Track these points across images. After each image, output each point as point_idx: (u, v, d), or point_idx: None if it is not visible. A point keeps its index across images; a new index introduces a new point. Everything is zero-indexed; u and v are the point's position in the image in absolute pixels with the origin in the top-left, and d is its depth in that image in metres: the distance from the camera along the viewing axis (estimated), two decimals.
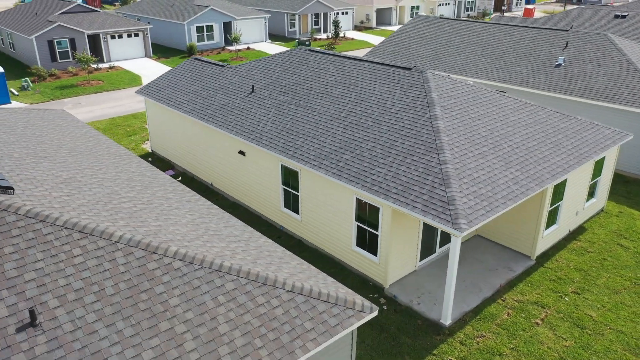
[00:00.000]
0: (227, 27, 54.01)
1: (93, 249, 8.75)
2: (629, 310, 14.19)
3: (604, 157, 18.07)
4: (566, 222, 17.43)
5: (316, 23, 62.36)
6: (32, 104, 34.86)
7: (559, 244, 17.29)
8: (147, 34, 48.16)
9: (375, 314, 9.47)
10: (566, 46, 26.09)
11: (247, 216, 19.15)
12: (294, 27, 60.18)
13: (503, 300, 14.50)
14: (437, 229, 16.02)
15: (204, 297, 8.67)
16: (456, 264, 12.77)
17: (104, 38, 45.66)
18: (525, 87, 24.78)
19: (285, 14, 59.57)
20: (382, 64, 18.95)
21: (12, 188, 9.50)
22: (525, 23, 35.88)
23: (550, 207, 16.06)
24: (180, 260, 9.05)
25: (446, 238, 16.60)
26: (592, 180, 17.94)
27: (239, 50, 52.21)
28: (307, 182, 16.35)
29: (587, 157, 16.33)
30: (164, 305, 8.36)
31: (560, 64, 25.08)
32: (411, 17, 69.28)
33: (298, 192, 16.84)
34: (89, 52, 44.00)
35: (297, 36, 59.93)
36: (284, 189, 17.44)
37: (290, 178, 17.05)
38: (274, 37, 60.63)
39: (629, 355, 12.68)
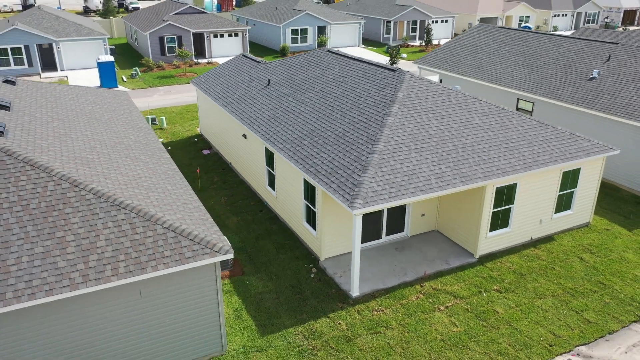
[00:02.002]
0: (321, 30, 57.49)
1: (34, 178, 12.13)
2: (542, 315, 14.41)
3: (579, 168, 17.82)
4: (525, 229, 17.59)
5: (413, 30, 63.36)
6: (133, 89, 41.27)
7: (514, 248, 17.55)
8: (245, 34, 53.40)
9: (228, 256, 11.64)
10: (608, 59, 25.00)
11: (247, 192, 21.95)
12: (389, 33, 61.83)
13: (421, 286, 15.54)
14: (383, 216, 17.39)
15: (97, 221, 11.60)
16: (358, 241, 14.29)
17: (207, 37, 51.68)
18: (551, 98, 24.35)
19: (382, 20, 61.50)
20: (376, 65, 20.54)
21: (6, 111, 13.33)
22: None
23: (495, 209, 16.55)
24: (93, 194, 12.08)
25: (397, 227, 17.84)
26: (561, 191, 17.81)
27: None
28: (278, 164, 18.68)
29: (543, 164, 16.49)
30: (66, 222, 11.43)
31: (594, 77, 24.21)
32: (519, 27, 66.96)
33: (274, 172, 19.23)
34: (192, 48, 50.23)
35: (391, 42, 61.50)
36: (267, 169, 19.93)
37: (270, 160, 19.51)
38: (369, 42, 62.87)
39: (509, 349, 13.19)
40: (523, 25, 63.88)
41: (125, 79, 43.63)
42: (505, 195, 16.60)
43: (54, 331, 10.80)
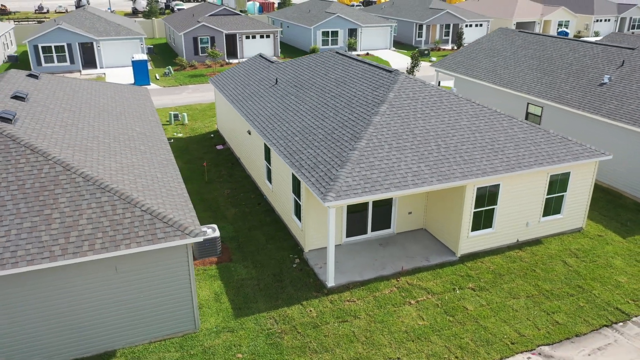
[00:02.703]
0: (352, 33, 58.12)
1: (32, 161, 13.41)
2: (511, 314, 14.60)
3: (568, 172, 17.77)
4: (510, 230, 17.70)
5: (446, 34, 63.03)
6: (164, 86, 43.17)
7: (498, 249, 17.69)
8: (276, 35, 54.68)
9: (198, 239, 12.52)
10: (622, 65, 24.54)
11: (250, 186, 22.89)
12: (421, 36, 61.75)
13: (397, 281, 15.99)
14: (368, 212, 17.91)
15: (82, 201, 12.73)
16: (333, 233, 14.92)
17: (239, 38, 53.27)
18: (558, 103, 24.14)
19: (414, 24, 61.51)
20: (376, 66, 21.07)
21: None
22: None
23: (477, 209, 16.78)
24: (82, 177, 13.25)
25: (383, 223, 18.32)
26: (549, 194, 17.81)
27: (358, 55, 55.92)
28: (273, 158, 19.50)
29: (527, 167, 16.61)
30: (54, 201, 12.62)
31: (604, 83, 23.85)
32: (557, 32, 65.44)
33: (271, 166, 20.08)
34: (224, 49, 51.92)
35: (423, 45, 61.41)
36: (266, 164, 20.79)
37: (268, 155, 20.36)
38: (402, 45, 62.99)
39: (470, 344, 13.49)
40: (560, 31, 62.33)
41: (158, 77, 45.64)
42: (488, 195, 16.81)
43: (40, 298, 11.96)
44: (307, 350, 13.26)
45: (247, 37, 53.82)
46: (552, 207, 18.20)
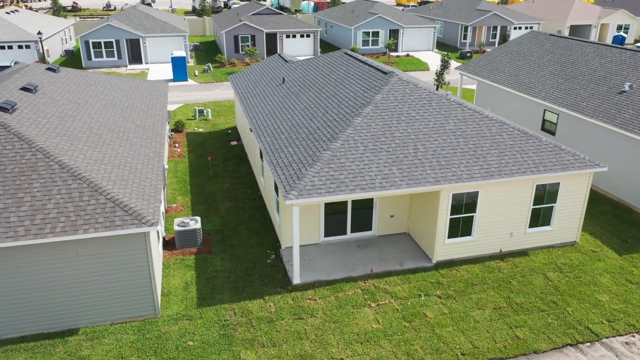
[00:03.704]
0: (393, 34, 57.61)
1: (17, 147, 14.50)
2: (471, 325, 14.22)
3: (558, 183, 17.00)
4: (492, 239, 17.17)
5: (493, 36, 61.14)
6: (200, 82, 44.67)
7: (479, 259, 17.20)
8: (317, 35, 55.13)
9: (151, 229, 13.09)
10: None
11: (250, 182, 23.43)
12: (467, 38, 60.24)
13: (364, 283, 15.95)
14: (347, 213, 17.93)
15: (54, 187, 13.65)
16: (297, 231, 15.12)
17: (280, 37, 54.14)
18: (573, 111, 23.02)
19: (460, 25, 60.12)
20: (375, 67, 20.99)
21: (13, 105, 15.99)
22: None
23: (454, 215, 16.41)
24: (58, 165, 14.19)
25: (364, 225, 18.28)
26: (536, 205, 17.11)
27: (398, 56, 55.42)
28: (263, 155, 19.90)
29: (507, 175, 16.08)
30: (29, 185, 13.60)
31: (624, 91, 22.50)
32: (613, 37, 61.84)
33: (263, 163, 20.49)
34: (264, 48, 52.97)
35: (467, 47, 59.89)
36: (260, 160, 21.24)
37: (261, 151, 20.78)
38: (446, 47, 61.72)
39: (419, 351, 13.29)
40: (616, 35, 58.83)
41: (197, 74, 47.27)
42: (465, 202, 16.40)
43: (5, 276, 12.96)
44: (255, 343, 13.56)
45: (288, 36, 54.60)
46: (540, 218, 17.47)
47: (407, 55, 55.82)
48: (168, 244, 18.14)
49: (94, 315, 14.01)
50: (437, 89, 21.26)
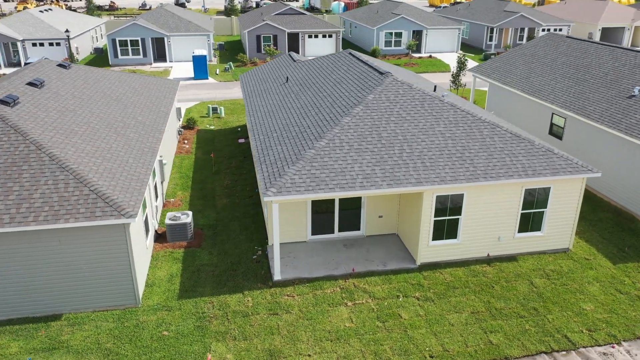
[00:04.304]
0: (417, 35, 57.13)
1: (12, 139, 15.18)
2: (445, 328, 14.09)
3: (549, 187, 16.63)
4: (479, 243, 16.93)
5: (520, 38, 59.87)
6: (220, 81, 45.43)
7: (466, 262, 16.99)
8: (339, 35, 55.21)
9: (129, 221, 13.50)
10: None
11: (251, 179, 23.75)
12: (492, 40, 59.19)
13: (345, 282, 16.00)
14: (335, 212, 18.00)
15: (42, 178, 14.25)
16: (277, 228, 15.32)
17: (302, 37, 54.47)
18: (579, 115, 22.41)
19: (485, 27, 59.13)
20: (374, 68, 20.98)
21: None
22: None
23: (438, 217, 16.27)
24: (48, 157, 14.80)
25: (352, 225, 18.31)
26: (525, 210, 16.78)
27: (420, 57, 54.94)
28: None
29: (493, 178, 15.84)
30: (19, 175, 14.24)
31: (634, 95, 21.77)
32: None
33: None
34: (286, 47, 53.41)
35: (493, 49, 58.84)
36: None
37: None
38: (472, 48, 60.81)
39: (387, 351, 13.27)
40: None
41: (218, 72, 48.08)
42: (450, 205, 16.24)
43: None
44: (227, 336, 13.82)
45: (310, 36, 54.89)
46: (531, 223, 17.13)
47: (430, 56, 55.28)
48: (160, 237, 18.62)
49: (77, 302, 14.55)
50: (455, 90, 21.09)
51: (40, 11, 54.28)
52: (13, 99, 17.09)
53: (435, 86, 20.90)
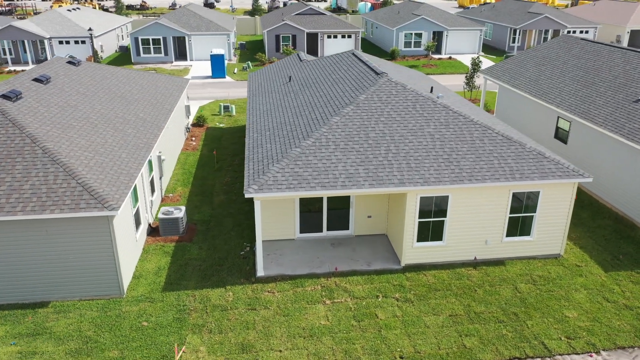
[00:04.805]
0: (437, 36, 56.60)
1: (10, 132, 15.83)
2: (421, 329, 14.04)
3: (538, 192, 16.34)
4: (465, 246, 16.77)
5: (545, 40, 58.59)
6: (237, 80, 46.00)
7: (452, 264, 16.85)
8: (358, 36, 55.18)
9: (111, 213, 13.92)
10: None
11: None
12: (515, 42, 58.14)
13: (327, 280, 16.08)
14: (323, 211, 18.10)
15: (33, 170, 14.80)
16: (259, 224, 15.54)
17: (321, 37, 54.65)
18: (583, 119, 21.89)
19: (508, 28, 58.12)
20: (372, 68, 20.98)
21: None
22: None
23: (423, 219, 16.19)
24: (42, 150, 15.37)
25: (341, 224, 18.38)
26: (513, 213, 16.53)
27: (440, 58, 54.41)
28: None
29: (478, 181, 15.67)
30: (12, 167, 14.83)
31: None
32: None
33: None
34: (305, 47, 53.71)
35: (516, 51, 57.77)
36: None
37: None
38: (494, 50, 59.86)
39: (358, 350, 13.31)
40: None
41: (236, 71, 48.71)
42: (435, 206, 16.14)
43: None
44: (203, 329, 14.09)
45: (329, 37, 55.02)
46: (519, 227, 16.87)
47: (450, 57, 54.69)
48: (154, 231, 19.08)
49: (64, 291, 15.07)
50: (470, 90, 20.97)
51: (68, 10, 56.01)
52: (16, 94, 17.79)
53: (432, 87, 20.74)
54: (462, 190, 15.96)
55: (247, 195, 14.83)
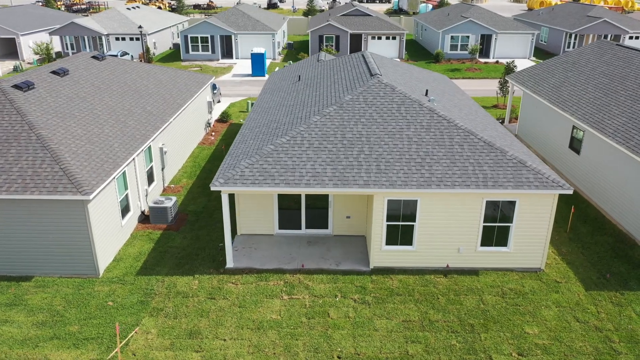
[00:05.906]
0: (486, 39, 54.87)
1: (13, 119, 17.28)
2: (368, 332, 13.95)
3: (514, 201, 15.69)
4: (437, 253, 16.38)
5: None
6: None
7: (423, 270, 16.52)
8: (403, 37, 54.58)
9: (84, 198, 14.85)
10: None
11: None
12: (571, 47, 55.22)
13: (292, 276, 16.30)
14: (301, 209, 18.31)
15: (24, 154, 16.08)
16: (227, 218, 16.00)
17: (365, 38, 54.55)
18: (594, 129, 20.66)
19: (564, 32, 55.33)
20: (369, 69, 20.93)
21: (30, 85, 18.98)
22: None
23: (391, 222, 16.01)
24: (36, 136, 16.66)
25: (320, 223, 18.51)
26: (488, 222, 15.96)
27: (486, 62, 52.74)
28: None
29: (447, 187, 15.30)
30: (7, 150, 16.18)
31: None
32: None
33: None
34: (347, 48, 53.86)
35: None
36: None
37: None
38: (548, 55, 57.16)
39: (299, 346, 13.43)
40: None
41: (277, 70, 49.63)
42: (403, 210, 15.92)
43: None
44: (161, 313, 14.75)
45: (373, 38, 54.83)
46: (495, 237, 16.27)
47: (497, 62, 52.86)
48: (147, 218, 20.07)
49: (47, 267, 16.27)
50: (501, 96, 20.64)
51: (127, 8, 59.35)
52: (28, 85, 19.33)
53: (426, 90, 20.38)
54: (432, 195, 15.65)
55: (212, 188, 15.36)
